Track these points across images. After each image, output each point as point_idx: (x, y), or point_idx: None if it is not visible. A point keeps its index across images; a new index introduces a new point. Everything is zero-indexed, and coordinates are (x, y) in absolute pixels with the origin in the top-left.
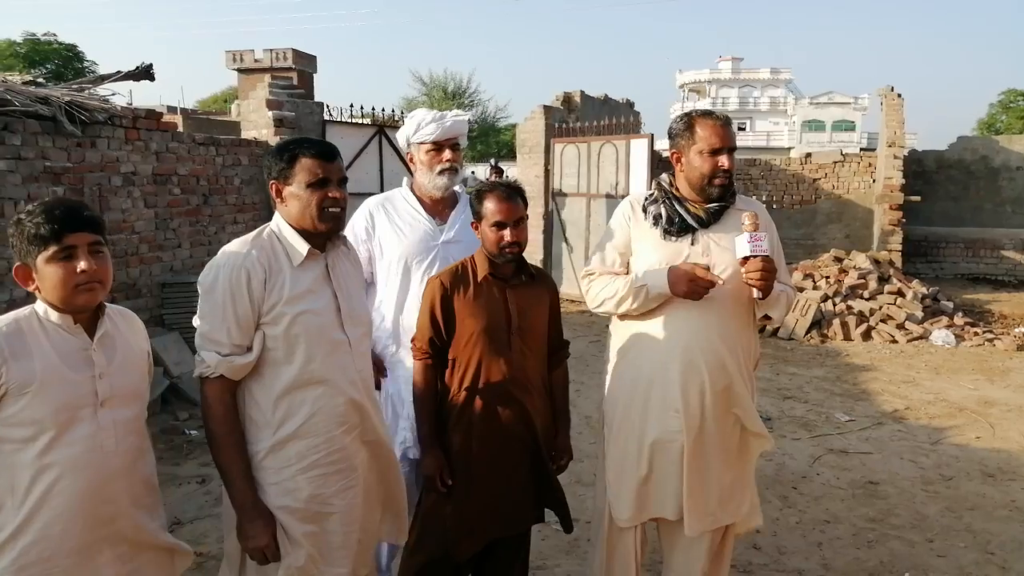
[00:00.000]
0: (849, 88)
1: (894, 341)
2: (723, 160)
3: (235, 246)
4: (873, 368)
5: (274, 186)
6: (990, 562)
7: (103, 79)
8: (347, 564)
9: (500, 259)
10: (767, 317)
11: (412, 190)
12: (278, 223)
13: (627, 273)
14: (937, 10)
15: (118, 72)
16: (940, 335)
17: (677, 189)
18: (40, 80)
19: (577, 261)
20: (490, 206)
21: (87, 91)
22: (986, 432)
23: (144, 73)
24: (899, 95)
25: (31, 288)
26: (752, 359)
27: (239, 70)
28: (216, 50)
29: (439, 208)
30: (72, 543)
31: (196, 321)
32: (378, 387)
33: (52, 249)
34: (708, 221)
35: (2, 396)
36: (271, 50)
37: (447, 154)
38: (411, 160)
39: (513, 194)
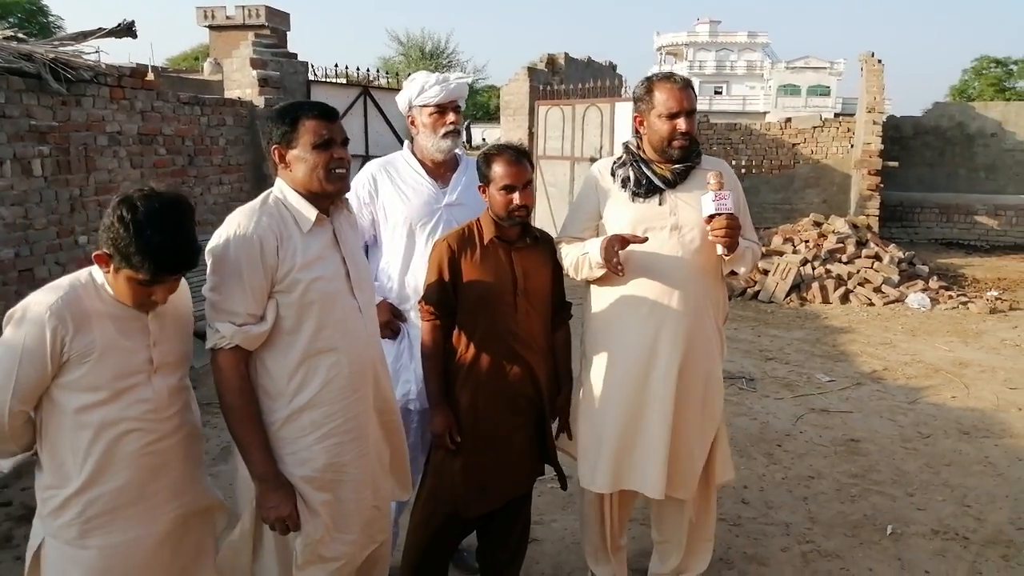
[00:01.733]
0: (825, 53)
1: (871, 304)
2: (680, 123)
3: (243, 214)
4: (851, 330)
5: (276, 151)
6: (967, 514)
7: (86, 36)
8: (357, 531)
9: (508, 222)
10: (734, 273)
11: (413, 153)
12: (282, 189)
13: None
14: None
15: (100, 29)
16: (916, 298)
17: (643, 152)
18: (22, 36)
19: (560, 225)
20: (499, 170)
21: (71, 48)
22: (961, 392)
23: (126, 30)
24: (879, 61)
25: (104, 272)
26: (722, 314)
27: (210, 27)
28: (185, 6)
29: (441, 171)
30: (133, 494)
31: (207, 292)
32: (397, 334)
33: (140, 277)
34: (675, 181)
35: (65, 363)
36: (243, 7)
37: (450, 116)
38: (412, 123)
39: (521, 157)
